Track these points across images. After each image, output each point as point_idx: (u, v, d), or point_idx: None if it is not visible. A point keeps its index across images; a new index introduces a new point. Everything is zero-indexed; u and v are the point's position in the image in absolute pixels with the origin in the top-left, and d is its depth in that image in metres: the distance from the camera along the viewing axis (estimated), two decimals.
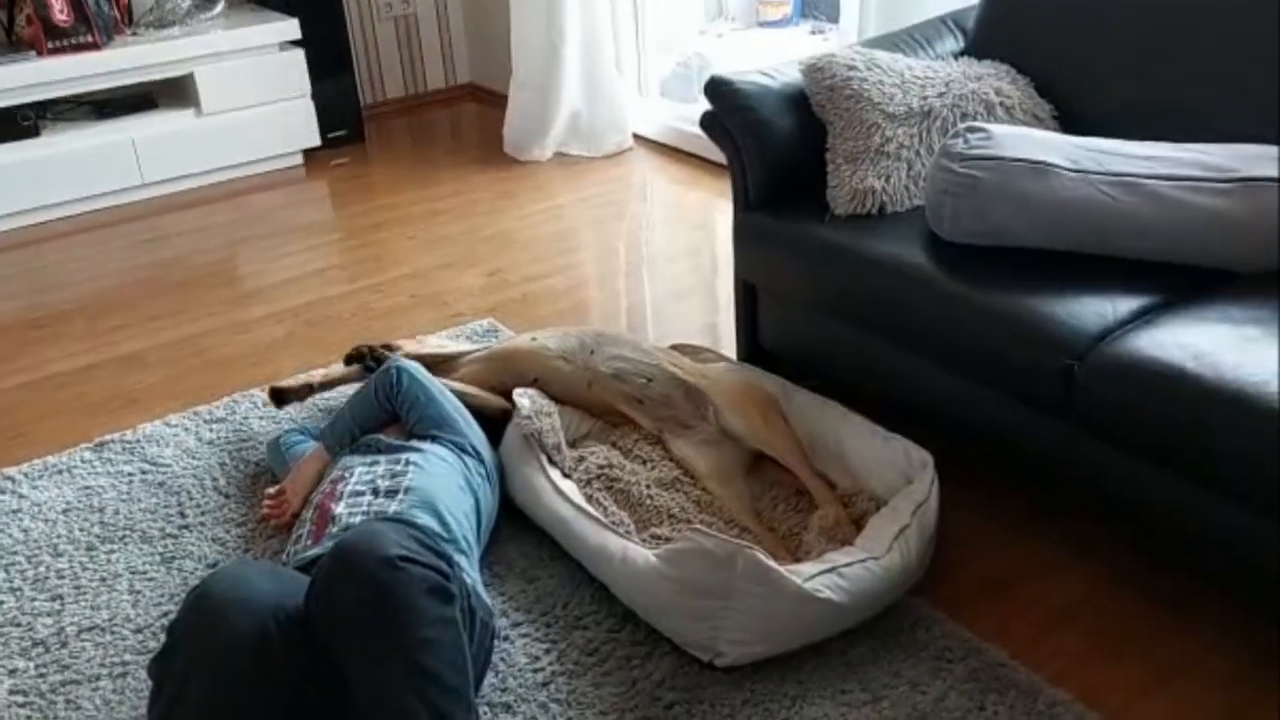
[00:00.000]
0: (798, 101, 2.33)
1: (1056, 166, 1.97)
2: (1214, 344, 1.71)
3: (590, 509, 1.98)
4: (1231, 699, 1.72)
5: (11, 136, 3.65)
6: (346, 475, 1.97)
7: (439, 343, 2.50)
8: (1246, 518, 1.66)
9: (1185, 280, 1.92)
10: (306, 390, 2.41)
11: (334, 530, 1.84)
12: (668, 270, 3.27)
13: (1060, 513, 2.12)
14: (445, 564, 1.51)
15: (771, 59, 2.48)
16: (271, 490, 2.12)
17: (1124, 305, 1.88)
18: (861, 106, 2.24)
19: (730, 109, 2.31)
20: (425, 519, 1.85)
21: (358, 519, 1.85)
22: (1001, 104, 2.32)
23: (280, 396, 2.41)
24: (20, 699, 1.81)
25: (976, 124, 2.07)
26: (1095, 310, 1.87)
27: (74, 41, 3.68)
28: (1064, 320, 1.85)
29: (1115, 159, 1.99)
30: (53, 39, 3.65)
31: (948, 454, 2.07)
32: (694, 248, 3.41)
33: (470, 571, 1.84)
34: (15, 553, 2.14)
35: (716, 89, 2.32)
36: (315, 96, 4.14)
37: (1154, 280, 1.93)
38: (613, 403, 2.26)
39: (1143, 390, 1.71)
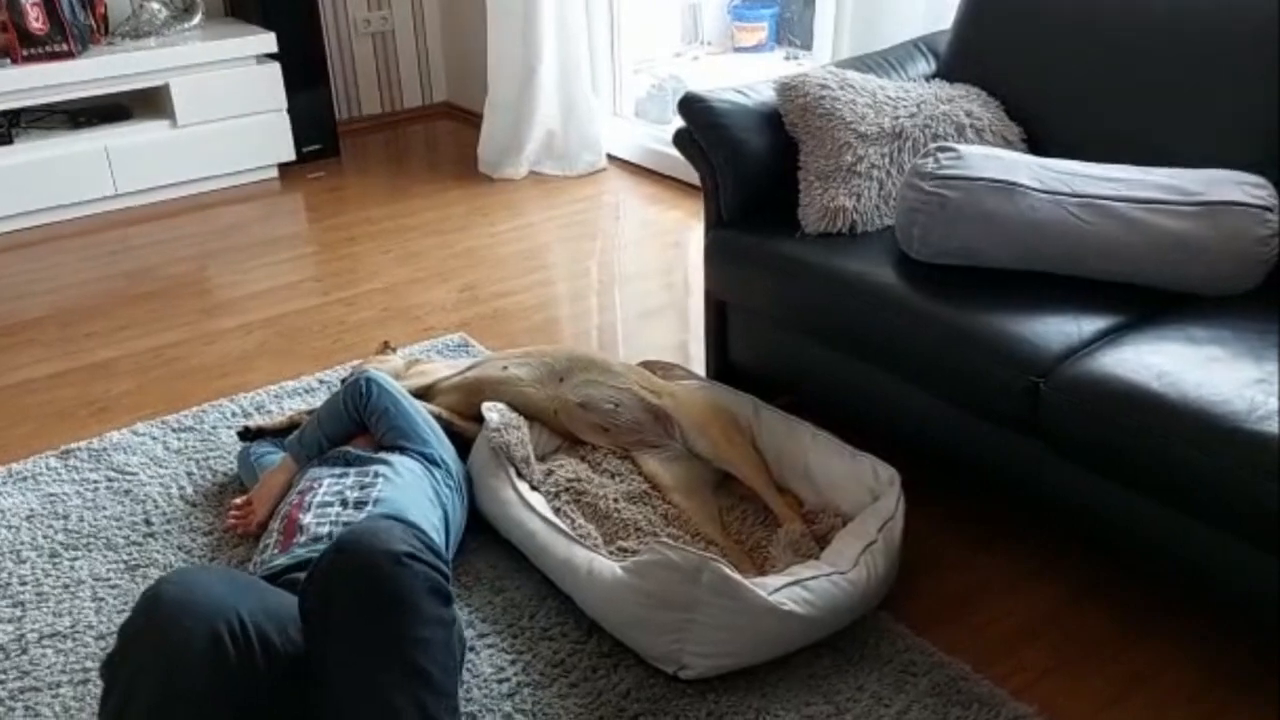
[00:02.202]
0: (771, 120, 2.35)
1: (1025, 187, 2.00)
2: (1177, 364, 1.74)
3: (557, 521, 1.98)
4: (1192, 712, 1.74)
5: None
6: (315, 486, 1.97)
7: (421, 368, 2.49)
8: (1207, 534, 1.69)
9: (1150, 302, 1.96)
10: (289, 427, 2.32)
11: (302, 540, 1.83)
12: (639, 289, 3.29)
13: (1024, 529, 2.14)
14: (445, 565, 1.50)
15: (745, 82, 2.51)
16: (238, 500, 2.11)
17: (1089, 325, 1.91)
18: (834, 125, 2.27)
19: (704, 125, 2.34)
20: None
21: (325, 529, 1.84)
22: (972, 125, 2.36)
23: (259, 433, 2.33)
24: None
25: (947, 144, 2.10)
26: (1061, 329, 1.90)
27: (49, 50, 3.67)
28: (1029, 338, 1.88)
29: (1083, 180, 2.02)
30: (27, 46, 3.63)
31: (914, 471, 2.09)
32: (666, 267, 3.43)
33: None
34: None
35: (690, 105, 2.34)
36: (291, 110, 4.14)
37: (1119, 301, 1.97)
38: (577, 432, 2.27)
39: (1106, 408, 1.74)
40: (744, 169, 2.34)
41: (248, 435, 2.33)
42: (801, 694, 1.77)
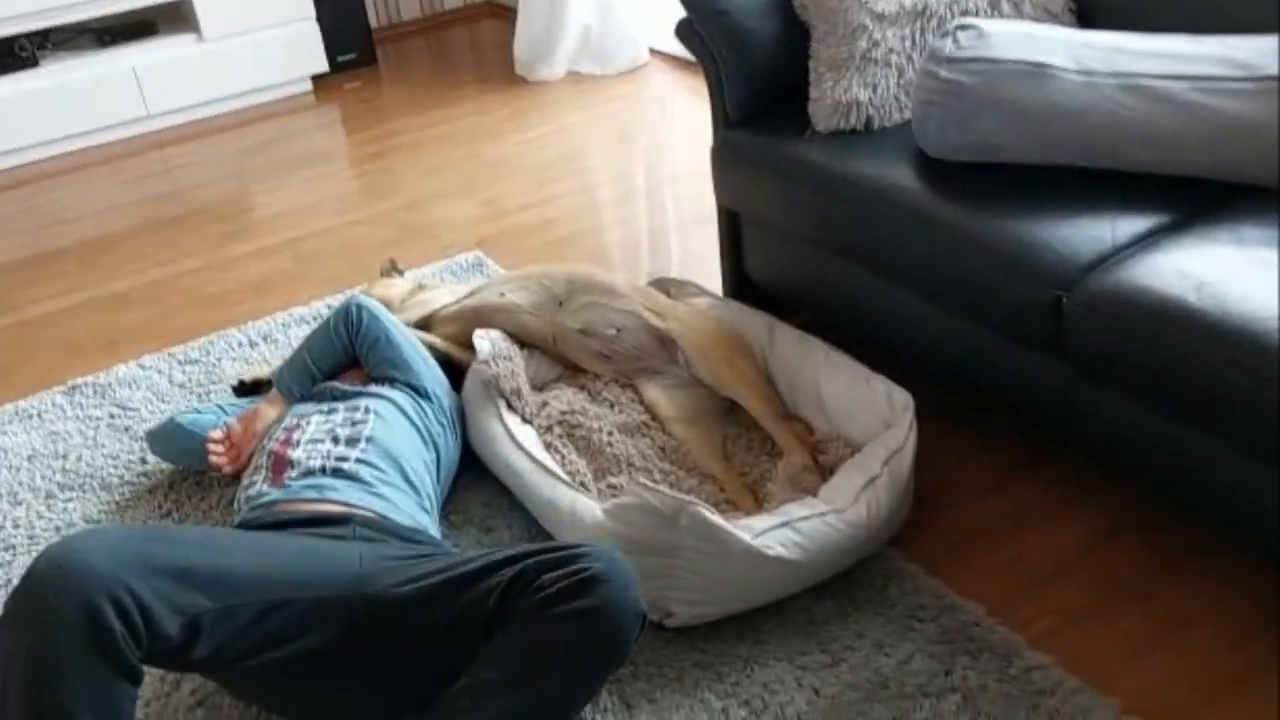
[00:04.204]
0: (782, 5, 2.12)
1: (1056, 69, 1.75)
2: (1220, 272, 1.51)
3: (545, 459, 1.86)
4: (1236, 660, 1.55)
5: (10, 68, 3.59)
6: (302, 423, 1.89)
7: (423, 296, 2.36)
8: (1251, 466, 1.47)
9: (1199, 197, 1.70)
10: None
11: (294, 474, 1.76)
12: (676, 194, 3.09)
13: (1053, 459, 1.94)
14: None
15: None
16: (216, 434, 1.97)
17: (1125, 227, 1.67)
18: (847, 6, 2.01)
19: (705, 14, 2.11)
20: (386, 468, 1.79)
21: (317, 463, 1.78)
22: None
23: (254, 387, 2.22)
24: None
25: (968, 21, 1.84)
26: (1091, 234, 1.66)
27: None
28: (1054, 246, 1.65)
29: (1128, 57, 1.75)
30: None
31: (934, 396, 1.91)
32: (707, 169, 3.20)
33: (433, 529, 1.78)
34: None
35: None
36: (321, 19, 3.99)
37: (1163, 197, 1.72)
38: (578, 360, 2.13)
39: (1137, 326, 1.52)
40: (750, 62, 2.12)
41: (244, 390, 2.24)
42: (796, 642, 1.63)
